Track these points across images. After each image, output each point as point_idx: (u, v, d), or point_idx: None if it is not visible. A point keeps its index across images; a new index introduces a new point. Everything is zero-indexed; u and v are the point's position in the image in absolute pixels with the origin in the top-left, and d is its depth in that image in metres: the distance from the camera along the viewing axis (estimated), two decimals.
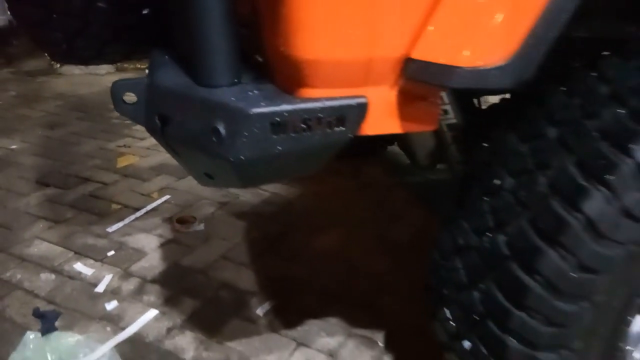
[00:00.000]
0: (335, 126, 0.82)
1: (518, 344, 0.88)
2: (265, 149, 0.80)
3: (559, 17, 0.73)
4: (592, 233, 0.81)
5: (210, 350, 1.55)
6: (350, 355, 1.55)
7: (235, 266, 1.96)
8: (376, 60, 0.80)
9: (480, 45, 0.74)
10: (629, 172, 0.79)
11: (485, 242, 0.93)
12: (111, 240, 2.11)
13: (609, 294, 0.85)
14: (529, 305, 0.86)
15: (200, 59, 0.85)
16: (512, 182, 0.92)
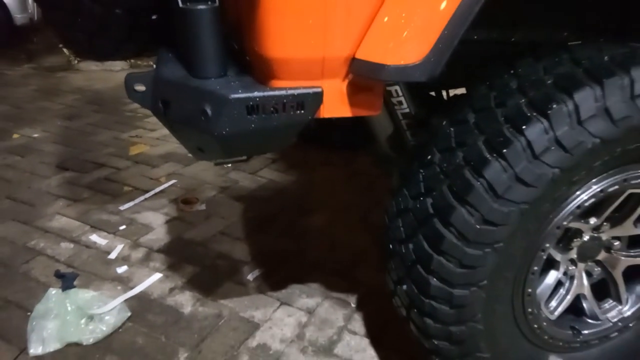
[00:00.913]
0: (297, 110, 1.06)
1: (438, 282, 1.13)
2: (242, 126, 1.05)
3: (460, 27, 0.96)
4: (491, 194, 1.05)
5: (205, 306, 1.81)
6: (325, 312, 1.79)
7: (231, 240, 2.21)
8: (329, 59, 1.04)
9: (402, 48, 0.98)
10: (520, 147, 1.03)
11: (418, 205, 1.17)
12: (123, 217, 2.38)
13: (508, 243, 1.08)
14: (445, 251, 1.10)
15: (194, 58, 1.10)
16: (440, 157, 1.16)
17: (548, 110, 1.02)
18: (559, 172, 1.04)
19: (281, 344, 1.65)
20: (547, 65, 1.13)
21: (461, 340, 1.19)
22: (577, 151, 1.03)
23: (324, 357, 1.61)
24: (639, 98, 1.03)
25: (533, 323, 1.26)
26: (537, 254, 1.17)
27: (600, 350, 1.39)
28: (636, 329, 1.40)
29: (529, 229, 1.10)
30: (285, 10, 0.99)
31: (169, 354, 1.60)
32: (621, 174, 1.14)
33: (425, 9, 0.96)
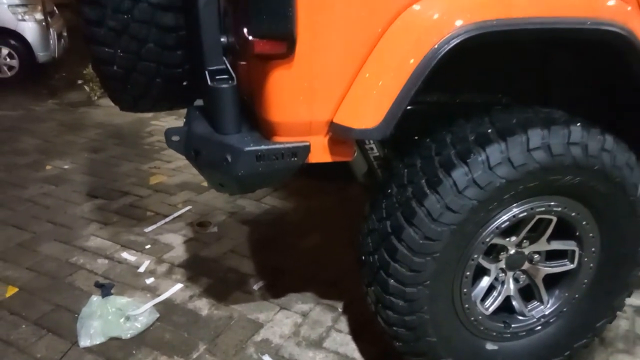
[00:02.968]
0: (291, 157, 1.49)
1: (395, 283, 1.54)
2: (253, 170, 1.47)
3: (404, 103, 1.39)
4: (429, 218, 1.47)
5: (219, 310, 2.22)
6: (317, 315, 2.20)
7: (239, 257, 2.63)
8: (315, 123, 1.47)
9: (364, 117, 1.40)
10: (449, 185, 1.46)
11: (381, 226, 1.59)
12: (148, 238, 2.80)
13: (443, 254, 1.50)
14: (399, 260, 1.51)
15: (218, 120, 1.53)
16: (396, 190, 1.59)
17: (468, 159, 1.45)
18: (477, 203, 1.46)
19: (280, 339, 2.05)
20: (472, 125, 1.56)
21: (413, 327, 1.59)
22: (489, 188, 1.45)
23: (315, 349, 2.01)
24: (532, 150, 1.46)
25: (470, 316, 1.67)
26: (467, 262, 1.58)
27: (528, 340, 1.78)
28: (556, 324, 1.80)
29: (458, 243, 1.52)
30: (283, 91, 1.43)
31: (191, 346, 2.01)
32: (527, 204, 1.56)
33: (380, 91, 1.40)
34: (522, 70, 1.89)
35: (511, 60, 1.82)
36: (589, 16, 1.45)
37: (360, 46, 1.40)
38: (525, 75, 1.91)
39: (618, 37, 1.46)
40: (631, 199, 1.61)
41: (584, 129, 1.52)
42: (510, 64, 1.84)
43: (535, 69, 1.88)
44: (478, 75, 1.86)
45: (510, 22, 1.38)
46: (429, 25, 1.36)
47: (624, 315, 2.25)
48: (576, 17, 1.44)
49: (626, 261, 1.73)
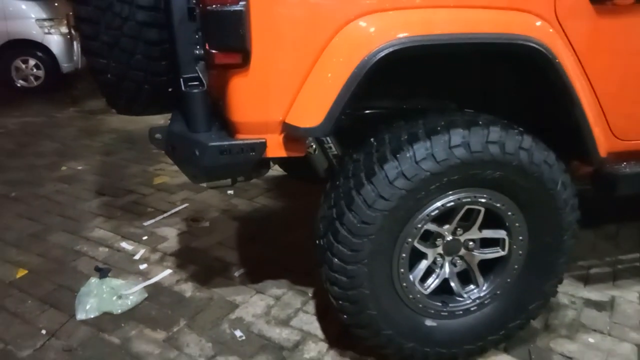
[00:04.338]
0: (250, 152, 1.75)
1: (338, 261, 1.78)
2: (217, 162, 1.74)
3: (341, 104, 1.63)
4: (365, 205, 1.71)
5: (201, 292, 2.48)
6: (289, 299, 2.44)
7: (226, 248, 2.89)
8: (270, 122, 1.73)
9: (308, 117, 1.66)
10: (382, 177, 1.70)
11: (329, 213, 1.84)
12: (145, 230, 3.09)
13: (378, 236, 1.73)
14: (341, 241, 1.75)
15: (190, 120, 1.80)
16: (342, 182, 1.83)
17: (398, 154, 1.70)
18: (405, 192, 1.69)
19: (253, 317, 2.31)
20: (407, 126, 1.80)
21: (355, 301, 1.82)
22: (415, 179, 1.68)
23: (282, 326, 2.25)
24: (454, 147, 1.69)
25: (408, 294, 1.89)
26: (403, 245, 1.81)
27: (465, 319, 1.99)
28: (491, 306, 2.00)
29: (392, 227, 1.75)
30: (242, 95, 1.69)
31: (173, 322, 2.27)
32: (454, 195, 1.78)
33: (321, 95, 1.65)
34: (469, 80, 2.12)
35: (458, 71, 2.06)
36: (504, 32, 1.69)
37: (306, 58, 1.66)
38: (471, 84, 2.14)
39: (533, 51, 1.69)
40: (551, 192, 1.82)
41: (503, 129, 1.74)
42: (457, 74, 2.08)
43: (479, 79, 2.12)
44: (429, 84, 2.11)
45: (430, 38, 1.63)
46: (359, 40, 1.61)
47: (572, 306, 2.45)
48: (491, 33, 1.68)
49: (552, 249, 1.93)
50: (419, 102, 2.14)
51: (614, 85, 1.94)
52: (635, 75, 1.94)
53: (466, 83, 2.13)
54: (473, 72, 2.09)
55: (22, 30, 6.98)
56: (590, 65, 1.87)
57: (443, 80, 2.11)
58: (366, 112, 2.15)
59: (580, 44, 1.83)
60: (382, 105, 2.13)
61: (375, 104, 2.14)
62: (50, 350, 2.11)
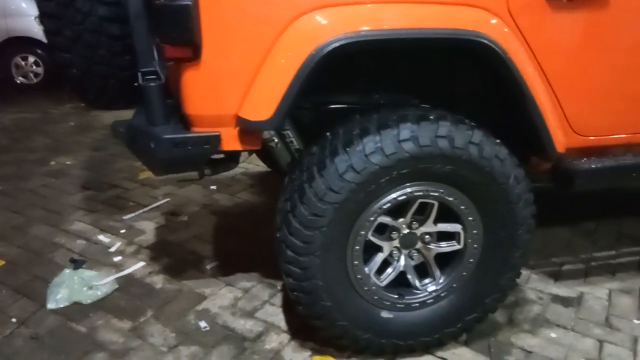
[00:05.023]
0: (204, 145, 1.78)
1: (291, 253, 1.81)
2: (171, 154, 1.77)
3: (289, 100, 1.66)
4: (316, 198, 1.73)
5: (171, 284, 2.52)
6: (257, 291, 2.47)
7: (201, 242, 2.93)
8: (223, 116, 1.76)
9: (258, 111, 1.69)
10: (333, 170, 1.72)
11: (284, 205, 1.86)
12: (124, 224, 3.14)
13: (329, 228, 1.76)
14: (293, 233, 1.78)
15: (148, 113, 1.84)
16: (297, 175, 1.86)
17: (349, 148, 1.72)
18: (355, 185, 1.72)
19: (219, 309, 2.34)
20: (361, 120, 1.82)
21: (309, 292, 1.85)
22: (364, 172, 1.71)
23: (247, 318, 2.29)
24: (402, 141, 1.71)
25: (363, 285, 1.92)
26: (356, 237, 1.84)
27: (421, 311, 2.01)
28: (448, 299, 2.02)
29: (343, 220, 1.78)
30: (195, 88, 1.73)
31: (140, 312, 2.31)
32: (405, 189, 1.81)
33: (271, 89, 1.68)
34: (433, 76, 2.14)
35: (421, 67, 2.08)
36: (452, 28, 1.70)
37: (257, 51, 1.69)
38: (436, 80, 2.16)
39: (482, 46, 1.71)
40: (503, 186, 1.84)
41: (453, 124, 1.76)
42: (421, 70, 2.10)
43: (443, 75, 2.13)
44: (392, 79, 2.13)
45: (377, 33, 1.65)
46: (307, 35, 1.64)
47: (539, 301, 2.46)
48: (439, 29, 1.69)
49: (507, 244, 1.95)
50: (383, 97, 2.15)
51: (572, 82, 1.95)
52: (592, 72, 1.95)
53: (430, 79, 2.15)
54: (436, 69, 2.11)
55: (22, 27, 7.04)
56: (546, 62, 1.88)
57: (407, 76, 2.13)
58: (330, 106, 2.18)
59: (535, 40, 1.84)
60: (346, 100, 2.15)
61: (340, 98, 2.17)
62: (18, 338, 2.16)
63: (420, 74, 2.12)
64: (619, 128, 2.07)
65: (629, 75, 1.97)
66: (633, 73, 1.97)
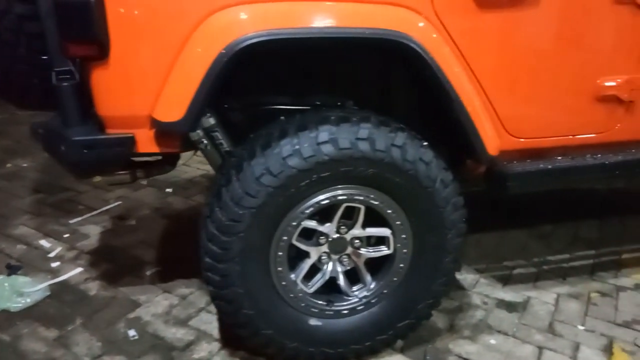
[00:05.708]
0: (117, 147, 1.71)
1: (209, 259, 1.74)
2: (82, 157, 1.70)
3: (202, 96, 1.60)
4: (233, 202, 1.67)
5: (106, 291, 2.45)
6: (194, 298, 2.40)
7: (146, 247, 2.85)
8: (136, 117, 1.70)
9: (169, 112, 1.62)
10: (249, 173, 1.65)
11: (205, 210, 1.80)
12: (69, 228, 3.06)
13: (247, 234, 1.69)
14: (211, 239, 1.72)
15: (63, 114, 1.77)
16: (219, 178, 1.79)
17: (265, 150, 1.66)
18: (272, 189, 1.65)
19: (152, 317, 2.27)
20: (283, 122, 1.76)
21: (230, 300, 1.79)
22: (282, 176, 1.64)
23: (179, 326, 2.22)
24: (321, 144, 1.65)
25: (289, 292, 1.85)
26: (279, 243, 1.77)
27: (352, 318, 1.95)
28: (379, 305, 1.96)
29: (262, 225, 1.71)
30: (105, 88, 1.66)
31: (69, 320, 2.24)
32: (328, 192, 1.75)
33: (182, 89, 1.62)
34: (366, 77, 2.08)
35: (355, 67, 2.03)
36: (372, 27, 1.65)
37: (169, 50, 1.62)
38: (370, 82, 2.10)
39: (403, 47, 1.66)
40: (429, 190, 1.78)
41: (375, 126, 1.71)
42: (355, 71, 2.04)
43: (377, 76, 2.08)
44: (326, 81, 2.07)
45: (291, 31, 1.59)
46: (218, 33, 1.58)
47: (483, 306, 2.41)
48: (357, 28, 1.64)
49: (437, 248, 1.89)
50: (317, 99, 2.09)
51: (502, 83, 1.90)
52: (523, 72, 1.90)
53: (365, 81, 2.09)
54: (371, 70, 2.05)
55: None
56: (476, 62, 1.83)
57: (341, 77, 2.07)
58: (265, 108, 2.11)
59: (463, 40, 1.79)
60: (278, 101, 2.09)
61: (272, 100, 2.10)
62: None
63: (355, 75, 2.06)
64: (553, 130, 2.02)
65: (560, 76, 1.93)
66: (564, 74, 1.93)
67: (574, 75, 1.96)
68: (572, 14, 1.88)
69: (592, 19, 1.91)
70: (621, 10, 1.91)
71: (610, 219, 3.32)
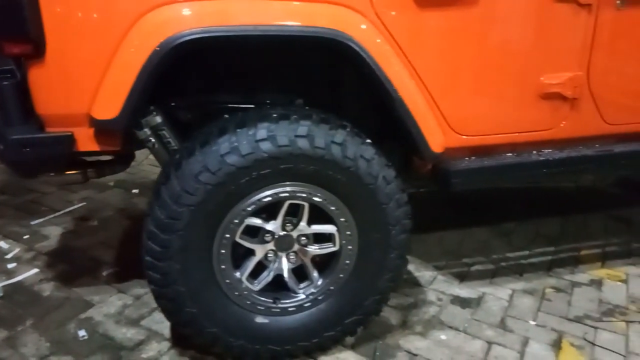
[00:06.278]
0: (56, 146, 1.71)
1: (150, 258, 1.74)
2: (21, 156, 1.69)
3: (137, 94, 1.60)
4: (171, 200, 1.67)
5: (60, 291, 2.43)
6: (148, 298, 2.38)
7: (105, 248, 2.84)
8: (74, 115, 1.69)
9: (105, 110, 1.62)
10: (188, 170, 1.66)
11: (147, 208, 1.80)
12: (30, 229, 3.03)
13: (187, 232, 1.69)
14: (151, 237, 1.72)
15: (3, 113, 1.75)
16: (161, 175, 1.79)
17: (204, 148, 1.66)
18: (211, 187, 1.66)
19: (103, 317, 2.26)
20: (224, 120, 1.76)
21: (171, 298, 1.78)
22: (220, 173, 1.64)
23: (130, 326, 2.21)
24: (260, 141, 1.66)
25: (233, 290, 1.85)
26: (221, 241, 1.77)
27: (298, 315, 1.95)
28: (326, 302, 1.97)
29: (202, 222, 1.71)
30: (42, 87, 1.65)
31: (19, 321, 2.22)
32: (270, 190, 1.75)
33: (117, 87, 1.61)
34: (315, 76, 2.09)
35: (304, 67, 2.04)
36: (307, 25, 1.65)
37: (105, 48, 1.62)
38: (318, 80, 2.11)
39: (339, 45, 1.67)
40: (371, 187, 1.79)
41: (314, 124, 1.72)
42: (305, 69, 2.05)
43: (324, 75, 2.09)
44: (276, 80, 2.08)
45: (226, 29, 1.60)
46: (153, 30, 1.58)
47: (438, 303, 2.43)
48: (292, 26, 1.65)
49: (382, 245, 1.90)
50: (266, 97, 2.10)
51: (446, 81, 1.92)
52: (467, 70, 1.93)
53: (315, 79, 2.11)
54: (320, 68, 2.07)
55: None
56: (418, 61, 1.85)
57: (291, 76, 2.08)
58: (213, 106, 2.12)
59: (404, 39, 1.81)
60: (227, 99, 2.09)
61: (221, 98, 2.11)
62: None
63: (305, 73, 2.07)
64: (499, 127, 2.04)
65: (503, 74, 1.95)
66: (507, 71, 1.95)
67: (517, 73, 1.99)
68: (512, 12, 1.90)
69: (533, 16, 1.94)
70: (563, 8, 1.94)
71: (572, 216, 3.36)
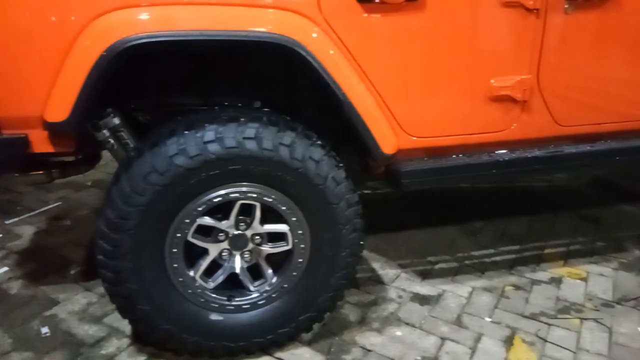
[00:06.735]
0: (9, 148, 1.75)
1: (103, 257, 1.78)
2: None
3: (86, 97, 1.64)
4: (121, 200, 1.71)
5: (27, 289, 2.48)
6: None
7: (76, 247, 2.88)
8: (30, 118, 1.73)
9: (55, 113, 1.66)
10: (138, 172, 1.70)
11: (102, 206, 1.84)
12: (4, 228, 3.08)
13: (137, 231, 1.74)
14: (102, 236, 1.76)
15: None
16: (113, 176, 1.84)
17: (153, 149, 1.71)
18: (160, 187, 1.70)
19: (67, 314, 2.30)
20: (174, 122, 1.81)
21: (124, 296, 1.83)
22: (168, 174, 1.69)
23: (92, 323, 2.25)
24: (207, 143, 1.70)
25: (187, 288, 1.90)
26: (172, 240, 1.82)
27: (253, 312, 2.00)
28: (280, 299, 2.01)
29: (153, 222, 1.76)
30: None
31: None
32: (220, 190, 1.80)
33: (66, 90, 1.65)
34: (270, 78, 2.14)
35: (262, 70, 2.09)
36: (252, 30, 1.70)
37: (56, 52, 1.65)
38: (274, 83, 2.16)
39: (285, 49, 1.72)
40: (320, 187, 1.84)
41: (263, 125, 1.76)
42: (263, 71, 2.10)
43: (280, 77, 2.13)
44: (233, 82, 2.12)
45: (171, 34, 1.64)
46: (100, 35, 1.62)
47: (397, 300, 2.48)
48: (237, 31, 1.69)
49: (334, 243, 1.95)
50: (224, 99, 2.14)
51: (397, 83, 1.97)
52: (417, 73, 1.97)
53: (271, 81, 2.15)
54: (275, 71, 2.11)
55: None
56: (367, 64, 1.90)
57: (247, 78, 2.12)
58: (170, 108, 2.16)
59: (353, 43, 1.85)
60: (184, 101, 2.14)
61: (179, 100, 2.15)
62: None
63: (261, 76, 2.12)
64: (450, 129, 2.09)
65: (452, 76, 2.00)
66: (457, 74, 2.00)
67: (467, 76, 2.03)
68: (460, 15, 1.95)
69: (481, 20, 1.99)
70: (510, 12, 1.99)
71: (542, 215, 3.42)
